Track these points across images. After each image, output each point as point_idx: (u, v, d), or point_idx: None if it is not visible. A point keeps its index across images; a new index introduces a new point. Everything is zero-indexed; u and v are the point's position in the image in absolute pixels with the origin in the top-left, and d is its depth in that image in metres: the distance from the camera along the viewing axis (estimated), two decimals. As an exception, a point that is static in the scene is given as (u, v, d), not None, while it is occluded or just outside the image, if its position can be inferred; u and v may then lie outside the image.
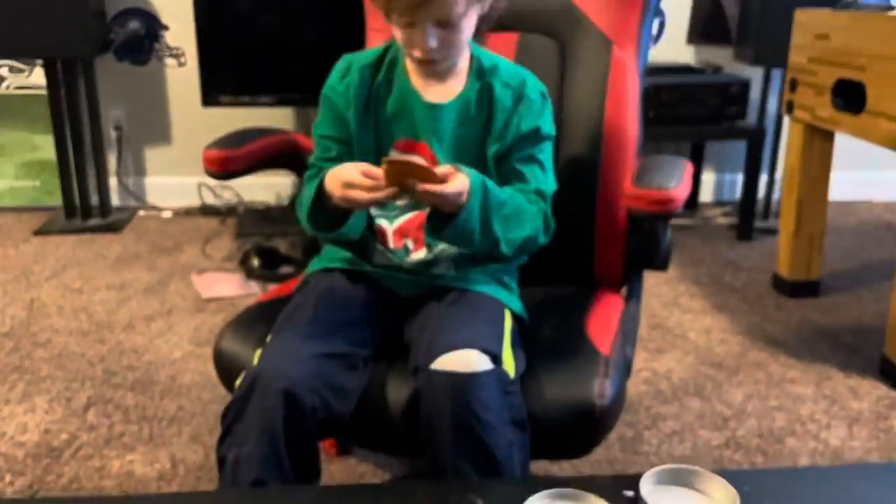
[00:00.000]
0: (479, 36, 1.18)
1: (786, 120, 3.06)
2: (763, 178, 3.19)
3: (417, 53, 1.10)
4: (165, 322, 2.25)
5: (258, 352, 1.08)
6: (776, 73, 3.14)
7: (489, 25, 1.17)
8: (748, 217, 3.02)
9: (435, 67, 1.15)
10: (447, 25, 1.08)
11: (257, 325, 1.19)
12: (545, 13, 1.43)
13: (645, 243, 1.39)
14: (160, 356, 2.06)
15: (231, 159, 1.28)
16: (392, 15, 1.09)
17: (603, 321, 1.25)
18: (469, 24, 1.12)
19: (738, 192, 3.34)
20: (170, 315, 2.30)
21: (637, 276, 1.43)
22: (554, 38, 1.42)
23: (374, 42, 1.46)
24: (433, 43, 1.08)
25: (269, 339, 1.10)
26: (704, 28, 3.34)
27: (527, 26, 1.44)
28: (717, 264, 2.77)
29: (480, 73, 1.20)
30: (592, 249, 1.41)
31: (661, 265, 1.41)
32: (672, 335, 2.22)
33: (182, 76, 3.18)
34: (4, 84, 3.15)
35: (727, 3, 3.32)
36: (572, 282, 1.41)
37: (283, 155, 1.44)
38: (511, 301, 1.20)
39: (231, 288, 2.47)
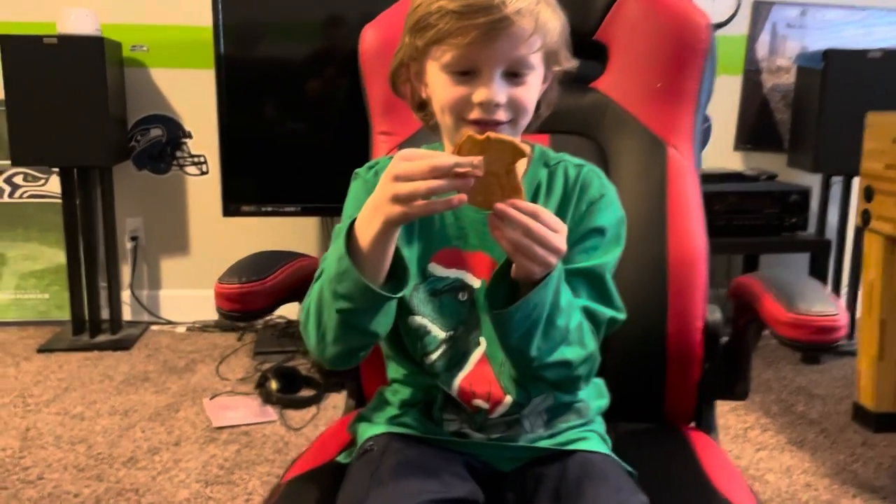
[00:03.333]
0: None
1: (849, 231, 2.85)
2: (825, 293, 2.93)
3: (475, 114, 0.88)
4: (171, 455, 2.00)
5: None
6: (834, 181, 2.94)
7: (535, 120, 0.97)
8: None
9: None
10: (518, 75, 0.89)
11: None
12: (581, 110, 1.22)
13: (723, 369, 1.17)
14: (163, 497, 1.80)
15: (253, 295, 1.02)
16: (444, 58, 0.88)
17: (717, 467, 1.02)
18: (536, 86, 0.93)
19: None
20: (177, 447, 2.04)
21: (710, 406, 1.20)
22: (592, 139, 1.22)
23: (382, 149, 1.25)
24: (502, 96, 0.87)
25: None
26: (752, 133, 3.17)
27: (559, 125, 1.19)
28: (786, 391, 2.49)
29: (545, 158, 1.00)
30: (663, 380, 1.16)
31: (743, 394, 1.17)
32: (748, 476, 1.93)
33: (203, 184, 3.03)
34: (19, 192, 3.01)
35: (777, 107, 3.16)
36: (635, 417, 1.16)
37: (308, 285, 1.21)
38: (615, 455, 0.97)
39: (245, 415, 2.22)
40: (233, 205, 2.65)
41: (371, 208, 0.80)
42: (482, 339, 0.95)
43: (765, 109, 3.17)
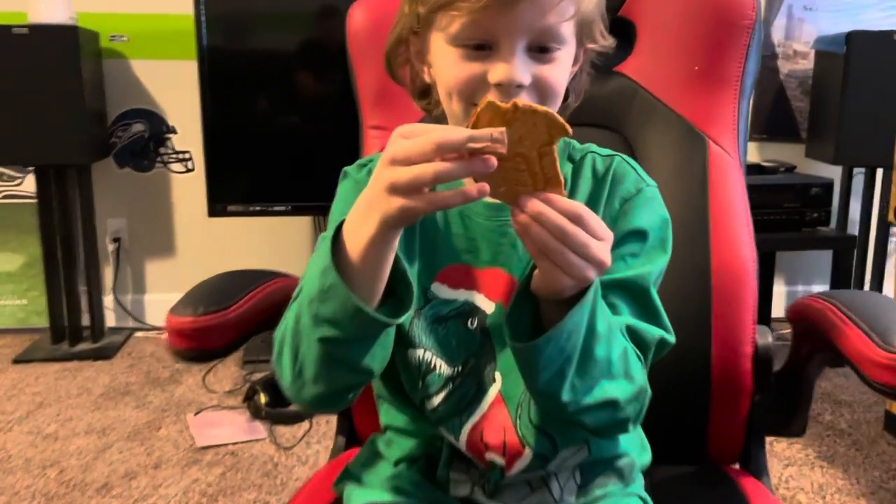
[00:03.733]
0: None
1: (873, 226, 2.69)
2: (847, 291, 2.78)
3: (492, 96, 0.69)
4: (150, 480, 1.83)
5: None
6: (856, 173, 2.78)
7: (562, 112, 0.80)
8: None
9: None
10: (546, 50, 0.72)
11: None
12: (603, 99, 1.05)
13: (776, 402, 1.00)
14: (139, 529, 1.64)
15: (212, 330, 0.82)
16: (452, 28, 0.71)
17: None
18: (567, 66, 0.76)
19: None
20: (156, 470, 1.88)
21: (759, 445, 1.02)
22: (617, 132, 1.05)
23: (374, 146, 1.09)
24: (525, 76, 0.71)
25: None
26: (768, 123, 3.00)
27: (577, 116, 1.01)
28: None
29: (569, 151, 0.84)
30: (706, 414, 1.00)
31: (800, 431, 1.01)
32: (779, 496, 1.77)
33: (189, 182, 2.86)
34: (-7, 193, 2.85)
35: (794, 94, 2.99)
36: (674, 458, 0.99)
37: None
38: None
39: (232, 432, 2.06)
40: (219, 204, 2.48)
41: (363, 206, 0.63)
42: (497, 375, 0.78)
43: (781, 97, 3.00)
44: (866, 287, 2.75)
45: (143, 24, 2.75)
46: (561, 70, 0.73)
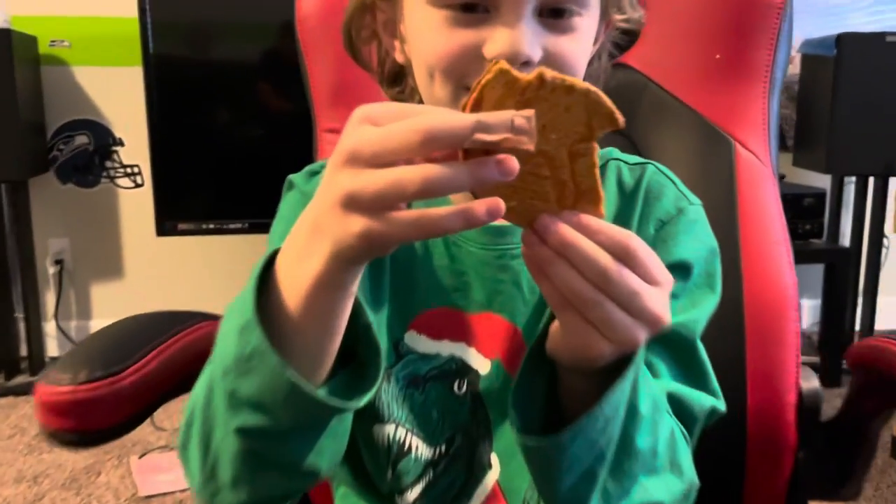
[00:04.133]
0: None
1: (865, 238, 2.56)
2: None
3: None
4: (85, 536, 1.62)
5: None
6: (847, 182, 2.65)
7: None
8: (833, 357, 2.44)
9: None
10: (562, 14, 0.54)
11: None
12: (607, 94, 0.88)
13: (825, 460, 0.84)
14: None
15: (98, 403, 0.59)
16: None
17: None
18: (589, 38, 0.58)
19: (805, 323, 2.79)
20: (94, 523, 1.67)
21: None
22: (623, 134, 0.88)
23: (329, 152, 0.90)
24: (535, 48, 0.53)
25: None
26: (752, 132, 2.87)
27: None
28: (812, 424, 2.17)
29: None
30: (741, 475, 0.83)
31: (854, 495, 0.84)
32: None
33: (138, 198, 2.65)
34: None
35: (781, 102, 2.86)
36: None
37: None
38: None
39: (179, 478, 1.84)
40: (168, 222, 2.28)
41: (307, 230, 0.44)
42: (494, 459, 0.60)
43: (765, 104, 2.87)
44: (860, 301, 2.61)
45: (86, 28, 2.54)
46: (582, 44, 0.56)
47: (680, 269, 0.59)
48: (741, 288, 0.81)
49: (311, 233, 0.43)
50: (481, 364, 0.60)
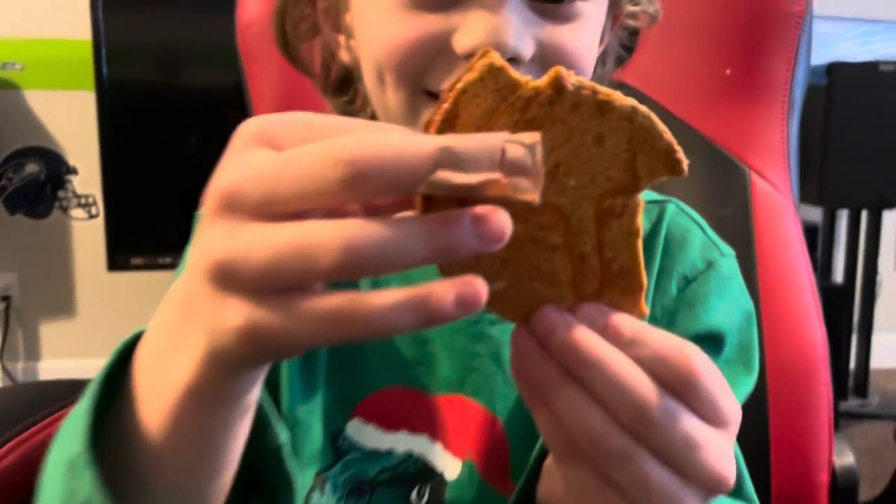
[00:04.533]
0: None
1: (859, 273, 2.46)
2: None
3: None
4: None
5: None
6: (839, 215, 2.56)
7: None
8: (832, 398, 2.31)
9: None
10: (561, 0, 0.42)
11: None
12: None
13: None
14: None
15: None
16: None
17: None
18: (596, 31, 0.46)
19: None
20: None
21: None
22: None
23: None
24: (525, 40, 0.40)
25: None
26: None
27: None
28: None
29: None
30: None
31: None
32: None
33: (92, 231, 2.50)
34: None
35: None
36: None
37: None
38: None
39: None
40: (121, 257, 2.18)
41: (176, 311, 0.31)
42: None
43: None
44: (854, 338, 2.51)
45: (39, 51, 2.42)
46: (588, 35, 0.44)
47: (710, 342, 0.47)
48: (762, 345, 0.67)
49: (181, 316, 0.30)
50: (449, 465, 0.46)
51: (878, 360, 2.54)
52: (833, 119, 2.33)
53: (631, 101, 0.28)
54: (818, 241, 2.38)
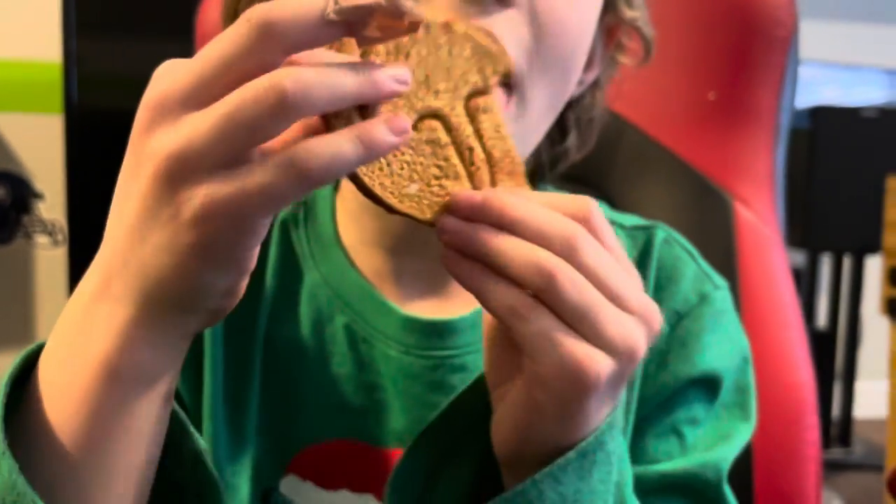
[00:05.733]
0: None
1: (841, 318, 2.43)
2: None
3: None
4: None
5: None
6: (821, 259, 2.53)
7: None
8: (812, 448, 2.26)
9: None
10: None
11: None
12: None
13: None
14: None
15: None
16: None
17: None
18: (587, 42, 0.44)
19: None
20: None
21: None
22: (595, 186, 0.70)
23: None
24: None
25: None
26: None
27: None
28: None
29: None
30: None
31: None
32: None
33: (57, 260, 2.45)
34: None
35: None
36: None
37: None
38: None
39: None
40: (83, 285, 2.07)
41: (89, 296, 0.33)
42: None
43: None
44: (837, 385, 2.46)
45: (5, 72, 2.38)
46: (562, 37, 0.41)
47: (704, 385, 0.42)
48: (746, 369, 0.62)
49: (101, 279, 0.32)
50: None
51: (862, 410, 2.50)
52: (817, 162, 2.33)
53: (451, 20, 0.35)
54: (800, 284, 2.34)
